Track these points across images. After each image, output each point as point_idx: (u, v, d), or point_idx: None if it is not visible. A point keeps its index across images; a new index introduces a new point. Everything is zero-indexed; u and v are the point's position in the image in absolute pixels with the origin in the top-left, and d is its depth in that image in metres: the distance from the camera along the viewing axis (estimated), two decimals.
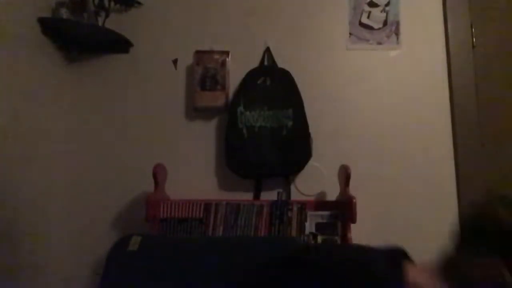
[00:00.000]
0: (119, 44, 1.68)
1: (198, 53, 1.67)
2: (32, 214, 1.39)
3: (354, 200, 1.39)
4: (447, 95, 1.70)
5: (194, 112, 1.69)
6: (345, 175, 1.47)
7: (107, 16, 1.63)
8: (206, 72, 1.66)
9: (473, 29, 1.71)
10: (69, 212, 1.55)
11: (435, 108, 1.69)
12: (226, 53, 1.68)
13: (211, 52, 1.68)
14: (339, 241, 1.49)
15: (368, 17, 1.73)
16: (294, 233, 1.48)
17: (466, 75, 1.69)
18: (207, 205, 1.52)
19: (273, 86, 1.64)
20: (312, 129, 1.61)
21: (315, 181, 1.64)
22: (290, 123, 1.60)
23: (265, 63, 1.69)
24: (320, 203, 1.54)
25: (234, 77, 1.68)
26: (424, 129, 1.68)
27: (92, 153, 1.65)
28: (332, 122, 1.68)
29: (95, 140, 1.65)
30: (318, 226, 1.48)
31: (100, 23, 1.62)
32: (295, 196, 1.63)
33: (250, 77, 1.66)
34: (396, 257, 0.81)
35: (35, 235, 1.39)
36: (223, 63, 1.68)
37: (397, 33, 1.72)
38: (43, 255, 1.41)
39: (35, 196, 1.42)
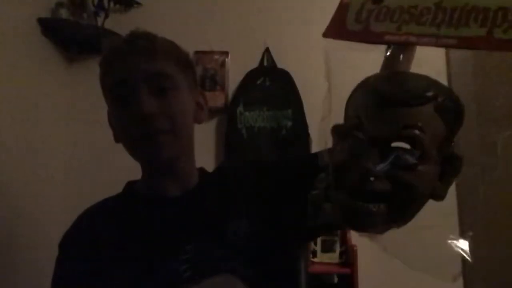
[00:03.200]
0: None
1: (198, 53, 1.67)
2: (31, 213, 1.39)
3: None
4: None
5: None
6: None
7: (106, 16, 1.63)
8: (205, 72, 1.67)
9: None
10: (69, 211, 1.54)
11: None
12: (226, 53, 1.68)
13: (210, 52, 1.68)
14: (338, 242, 1.49)
15: None
16: None
17: (465, 75, 1.69)
18: None
19: (273, 86, 1.64)
20: (311, 130, 1.61)
21: None
22: (289, 124, 1.60)
23: (265, 63, 1.69)
24: None
25: (234, 78, 1.68)
26: None
27: (92, 153, 1.65)
28: (331, 122, 1.67)
29: (95, 140, 1.65)
30: None
31: (99, 24, 1.62)
32: None
33: (250, 78, 1.66)
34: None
35: (35, 234, 1.39)
36: (223, 64, 1.68)
37: None
38: (43, 255, 1.41)
39: (35, 196, 1.42)
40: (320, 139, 0.59)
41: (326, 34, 0.59)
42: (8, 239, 1.28)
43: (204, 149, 1.67)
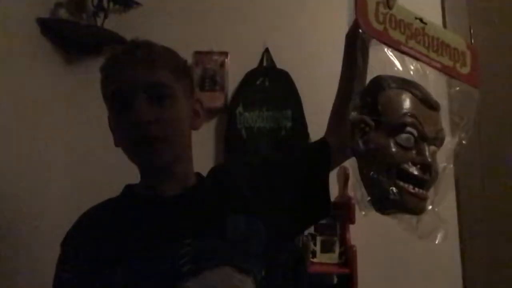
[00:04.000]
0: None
1: (197, 53, 1.67)
2: (31, 214, 1.39)
3: (352, 201, 1.40)
4: (446, 95, 1.69)
5: None
6: (344, 176, 1.47)
7: (106, 16, 1.62)
8: (205, 72, 1.67)
9: (471, 31, 1.72)
10: (69, 212, 1.54)
11: None
12: (225, 54, 1.68)
13: (210, 53, 1.68)
14: (338, 243, 1.49)
15: None
16: None
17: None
18: None
19: (272, 87, 1.64)
20: (311, 130, 1.61)
21: None
22: (289, 124, 1.60)
23: (264, 64, 1.69)
24: None
25: (233, 78, 1.67)
26: None
27: (92, 153, 1.65)
28: None
29: (95, 140, 1.64)
30: (317, 226, 1.48)
31: (99, 24, 1.62)
32: None
33: (249, 78, 1.66)
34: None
35: (35, 235, 1.38)
36: (222, 64, 1.68)
37: None
38: (43, 255, 1.41)
39: (34, 196, 1.41)
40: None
41: (360, 25, 0.64)
42: (8, 239, 1.27)
43: (204, 149, 1.67)
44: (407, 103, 0.59)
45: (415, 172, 0.57)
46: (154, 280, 0.66)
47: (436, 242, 0.60)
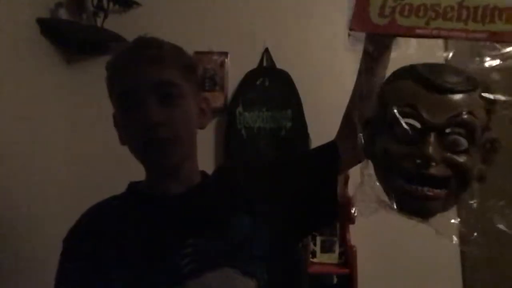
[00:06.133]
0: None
1: (197, 54, 1.67)
2: (32, 214, 1.39)
3: (353, 201, 1.40)
4: None
5: None
6: (343, 176, 1.47)
7: (105, 16, 1.63)
8: (204, 73, 1.67)
9: None
10: (69, 211, 1.54)
11: None
12: (225, 54, 1.68)
13: (210, 53, 1.68)
14: (337, 243, 1.49)
15: None
16: None
17: None
18: None
19: (272, 87, 1.64)
20: (310, 130, 1.61)
21: None
22: (289, 124, 1.60)
23: (264, 64, 1.69)
24: None
25: (233, 78, 1.68)
26: None
27: (92, 153, 1.65)
28: (331, 123, 1.67)
29: (95, 141, 1.65)
30: None
31: (98, 24, 1.62)
32: None
33: (249, 78, 1.66)
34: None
35: (35, 236, 1.39)
36: (222, 64, 1.68)
37: None
38: (43, 255, 1.41)
39: (35, 196, 1.41)
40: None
41: (352, 27, 0.61)
42: (8, 239, 1.28)
43: (204, 149, 1.65)
44: (403, 92, 0.52)
45: (413, 169, 0.48)
46: (155, 279, 0.66)
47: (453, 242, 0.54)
